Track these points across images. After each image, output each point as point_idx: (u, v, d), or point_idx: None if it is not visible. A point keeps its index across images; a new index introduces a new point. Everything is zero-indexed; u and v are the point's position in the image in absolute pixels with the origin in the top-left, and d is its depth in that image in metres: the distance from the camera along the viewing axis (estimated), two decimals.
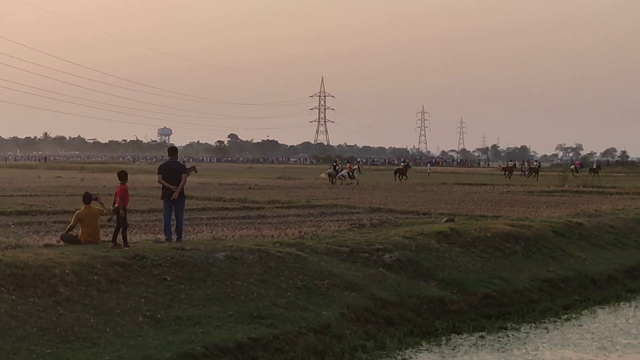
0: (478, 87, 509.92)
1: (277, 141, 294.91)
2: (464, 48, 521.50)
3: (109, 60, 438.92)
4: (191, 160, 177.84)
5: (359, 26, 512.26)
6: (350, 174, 61.90)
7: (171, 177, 18.57)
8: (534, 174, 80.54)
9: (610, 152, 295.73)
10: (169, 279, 14.28)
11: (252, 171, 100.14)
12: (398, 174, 70.35)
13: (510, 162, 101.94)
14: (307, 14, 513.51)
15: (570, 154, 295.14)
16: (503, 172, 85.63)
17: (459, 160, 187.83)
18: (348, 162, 75.50)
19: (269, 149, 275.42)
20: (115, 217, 16.74)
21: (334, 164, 69.32)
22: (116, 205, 16.71)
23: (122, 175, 17.33)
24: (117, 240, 16.50)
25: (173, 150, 19.37)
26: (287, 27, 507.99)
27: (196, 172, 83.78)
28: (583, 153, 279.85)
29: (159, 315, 12.82)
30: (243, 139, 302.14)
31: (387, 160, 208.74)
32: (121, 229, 16.50)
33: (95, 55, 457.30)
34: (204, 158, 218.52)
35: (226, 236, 21.54)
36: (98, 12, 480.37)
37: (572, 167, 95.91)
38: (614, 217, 27.56)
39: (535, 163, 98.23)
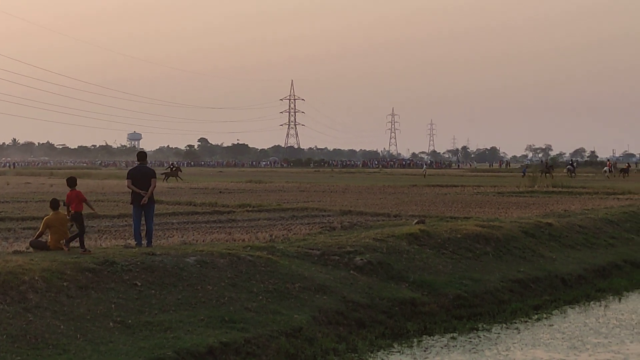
0: (448, 88, 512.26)
1: (247, 145, 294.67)
2: (433, 50, 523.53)
3: (78, 65, 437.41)
4: (165, 165, 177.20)
5: (328, 30, 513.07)
6: None
7: (140, 182, 18.50)
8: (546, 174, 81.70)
9: (579, 152, 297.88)
10: (139, 284, 14.21)
11: (223, 175, 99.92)
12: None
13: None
14: (277, 18, 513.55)
15: (540, 155, 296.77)
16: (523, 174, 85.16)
17: (429, 161, 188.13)
18: None
19: (240, 152, 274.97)
20: (74, 223, 16.70)
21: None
22: (72, 211, 16.68)
23: (71, 181, 17.34)
24: (85, 246, 16.53)
25: (142, 155, 19.30)
26: (256, 31, 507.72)
27: (181, 171, 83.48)
28: (552, 153, 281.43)
29: (130, 321, 12.75)
30: (213, 143, 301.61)
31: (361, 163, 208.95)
32: (79, 233, 16.53)
33: (64, 61, 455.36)
34: (175, 162, 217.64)
35: (197, 240, 21.45)
36: (67, 18, 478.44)
37: (605, 168, 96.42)
38: (584, 217, 27.72)
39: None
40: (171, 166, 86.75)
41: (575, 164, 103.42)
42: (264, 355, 12.57)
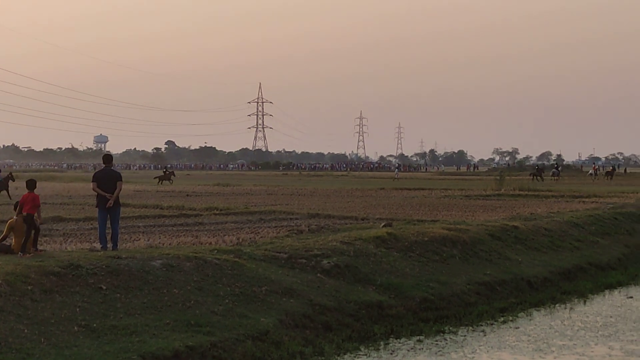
0: (416, 92, 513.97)
1: (215, 148, 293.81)
2: (401, 54, 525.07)
3: (44, 68, 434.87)
4: (132, 168, 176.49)
5: (297, 33, 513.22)
6: None
7: (106, 185, 18.40)
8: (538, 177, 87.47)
9: (545, 155, 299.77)
10: (104, 287, 14.11)
11: (190, 178, 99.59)
12: None
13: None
14: (244, 20, 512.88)
15: (507, 158, 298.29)
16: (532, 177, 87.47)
17: (400, 165, 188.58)
18: None
19: (207, 155, 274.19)
20: (28, 225, 16.57)
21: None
22: (25, 213, 16.57)
23: (31, 184, 17.24)
24: (37, 245, 16.62)
25: (108, 157, 19.19)
26: (224, 34, 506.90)
27: (174, 175, 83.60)
28: (519, 157, 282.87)
29: (95, 325, 12.66)
30: (181, 146, 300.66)
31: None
32: (33, 233, 16.45)
33: (31, 63, 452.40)
34: (142, 165, 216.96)
35: (163, 244, 21.37)
36: (34, 21, 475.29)
37: (591, 171, 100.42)
38: (549, 220, 27.88)
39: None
40: (165, 170, 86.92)
41: (560, 168, 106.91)
42: (230, 358, 12.53)
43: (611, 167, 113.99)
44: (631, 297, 19.60)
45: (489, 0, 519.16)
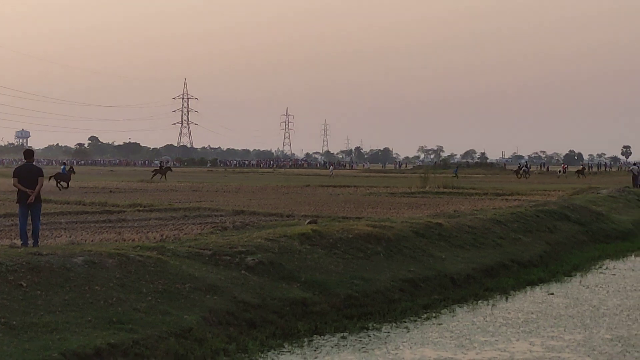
0: (342, 89, 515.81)
1: (139, 144, 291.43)
2: (327, 51, 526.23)
3: None
4: (55, 163, 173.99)
5: (223, 28, 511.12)
6: None
7: (27, 181, 18.13)
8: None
9: (470, 153, 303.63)
10: (24, 284, 13.86)
11: (114, 174, 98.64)
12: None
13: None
14: (170, 16, 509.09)
15: (432, 156, 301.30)
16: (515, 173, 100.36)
17: (323, 162, 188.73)
18: None
19: (131, 151, 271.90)
20: None
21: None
22: None
23: None
24: None
25: (29, 153, 18.91)
26: (149, 29, 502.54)
27: (171, 170, 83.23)
28: (444, 155, 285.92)
29: (14, 322, 12.42)
30: (104, 142, 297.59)
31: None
32: None
33: None
34: (65, 161, 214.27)
35: (85, 240, 21.13)
36: None
37: (560, 169, 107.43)
38: (473, 217, 28.14)
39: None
40: (161, 164, 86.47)
41: (529, 165, 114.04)
42: (153, 356, 12.39)
43: (582, 166, 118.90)
44: (552, 294, 19.88)
45: None
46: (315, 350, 13.90)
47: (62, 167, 62.04)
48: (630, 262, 25.94)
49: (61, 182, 55.91)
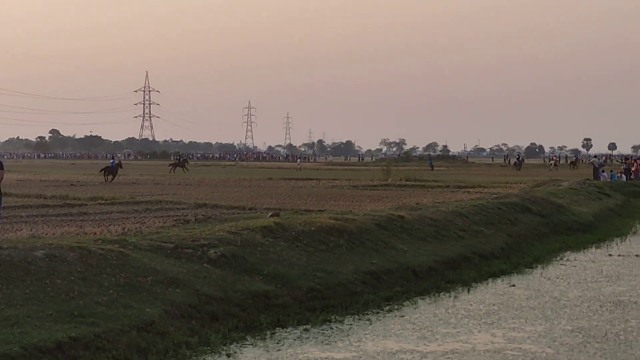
0: (304, 82, 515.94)
1: (100, 137, 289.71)
2: (289, 44, 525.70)
3: None
4: (5, 157, 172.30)
5: (184, 20, 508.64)
6: None
7: None
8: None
9: (432, 146, 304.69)
10: None
11: (75, 167, 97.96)
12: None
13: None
14: (130, 7, 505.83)
15: (394, 149, 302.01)
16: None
17: (285, 155, 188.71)
18: None
19: (93, 144, 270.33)
20: None
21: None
22: None
23: None
24: None
25: None
26: (111, 20, 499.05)
27: (188, 162, 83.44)
28: (406, 147, 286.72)
29: None
30: (65, 135, 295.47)
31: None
32: None
33: None
34: (25, 154, 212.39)
35: (46, 234, 20.98)
36: None
37: (551, 162, 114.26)
38: (435, 210, 28.24)
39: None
40: (178, 157, 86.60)
41: (522, 159, 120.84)
42: (115, 349, 12.33)
43: (575, 158, 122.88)
44: (513, 286, 20.00)
45: None
46: (277, 343, 13.89)
47: (111, 161, 64.88)
48: (591, 254, 26.15)
49: (108, 175, 59.09)
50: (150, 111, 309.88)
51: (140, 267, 15.85)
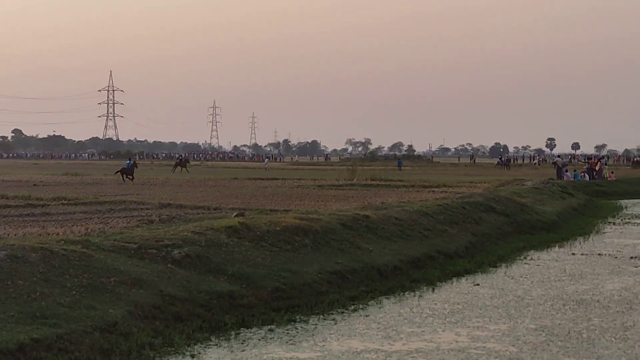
0: (269, 82, 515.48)
1: (64, 136, 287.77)
2: (254, 43, 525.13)
3: None
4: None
5: (148, 19, 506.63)
6: None
7: None
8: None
9: (397, 146, 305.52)
10: None
11: (38, 167, 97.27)
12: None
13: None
14: (95, 6, 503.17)
15: (360, 148, 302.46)
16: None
17: (251, 155, 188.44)
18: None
19: (56, 144, 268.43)
20: None
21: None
22: None
23: None
24: None
25: None
26: (74, 18, 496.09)
27: (189, 162, 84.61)
28: (372, 147, 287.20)
29: None
30: (28, 134, 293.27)
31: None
32: None
33: None
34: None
35: (8, 235, 20.79)
36: None
37: (535, 162, 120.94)
38: (400, 209, 28.27)
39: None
40: (180, 157, 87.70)
41: (509, 159, 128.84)
42: (77, 351, 12.23)
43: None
44: (477, 285, 20.08)
45: None
46: (242, 343, 13.85)
47: (127, 162, 65.81)
48: (554, 253, 26.32)
49: (128, 176, 59.78)
50: (114, 111, 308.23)
51: (103, 268, 15.73)
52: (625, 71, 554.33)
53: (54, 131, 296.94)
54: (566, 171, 67.13)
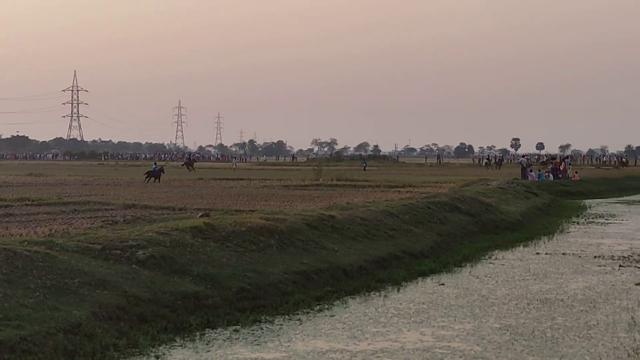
0: (235, 82, 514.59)
1: (27, 137, 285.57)
2: (219, 43, 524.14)
3: None
4: None
5: (112, 18, 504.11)
6: None
7: None
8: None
9: (363, 146, 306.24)
10: None
11: (1, 168, 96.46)
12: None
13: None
14: (59, 5, 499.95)
15: (325, 149, 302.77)
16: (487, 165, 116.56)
17: (217, 155, 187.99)
18: None
19: (19, 144, 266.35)
20: None
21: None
22: None
23: None
24: None
25: None
26: (37, 18, 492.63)
27: (196, 161, 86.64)
28: (337, 147, 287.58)
29: None
30: None
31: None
32: None
33: None
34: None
35: None
36: None
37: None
38: (365, 209, 28.31)
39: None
40: (189, 156, 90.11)
41: (500, 159, 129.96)
42: (41, 352, 12.14)
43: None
44: (443, 284, 20.15)
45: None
46: (207, 344, 13.81)
47: (154, 166, 66.75)
48: (519, 252, 26.46)
49: (155, 180, 59.67)
50: (78, 111, 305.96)
51: (67, 269, 15.62)
52: (589, 74, 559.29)
53: (17, 131, 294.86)
54: (531, 171, 67.52)
